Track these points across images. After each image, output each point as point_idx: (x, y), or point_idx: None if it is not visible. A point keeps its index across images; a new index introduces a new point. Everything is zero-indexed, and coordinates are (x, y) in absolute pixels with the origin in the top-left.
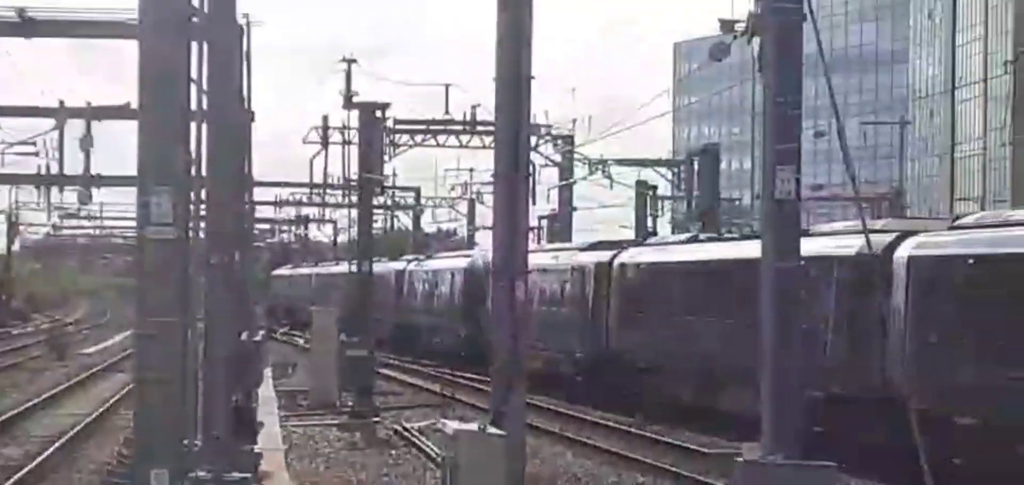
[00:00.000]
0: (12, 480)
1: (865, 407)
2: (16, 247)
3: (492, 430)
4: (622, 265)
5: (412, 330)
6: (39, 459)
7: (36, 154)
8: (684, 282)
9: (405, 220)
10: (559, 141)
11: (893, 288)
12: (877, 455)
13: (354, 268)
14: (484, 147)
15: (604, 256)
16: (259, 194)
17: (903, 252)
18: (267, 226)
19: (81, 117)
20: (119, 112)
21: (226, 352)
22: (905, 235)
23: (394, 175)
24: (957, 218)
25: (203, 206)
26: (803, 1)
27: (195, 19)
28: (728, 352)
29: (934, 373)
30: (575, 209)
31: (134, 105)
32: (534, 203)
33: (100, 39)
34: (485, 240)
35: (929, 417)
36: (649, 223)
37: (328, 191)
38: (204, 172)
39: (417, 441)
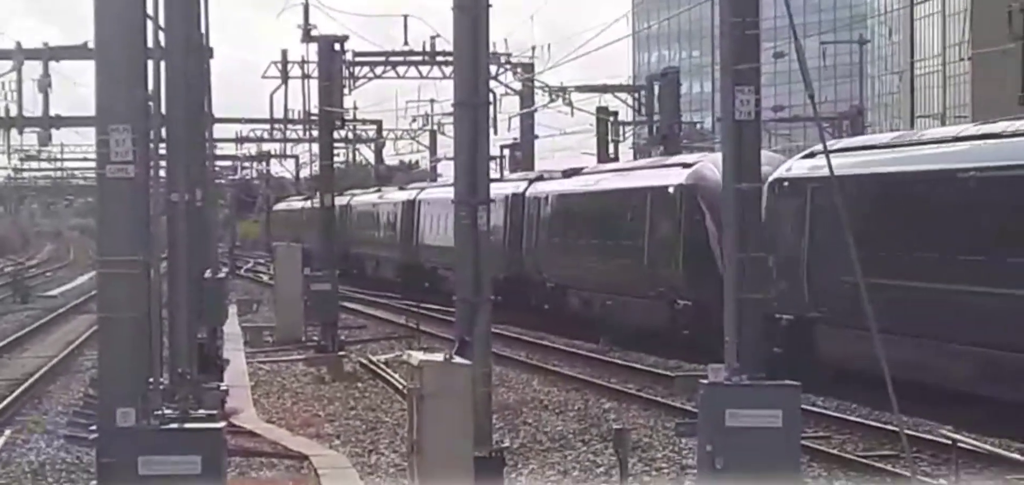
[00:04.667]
0: None
1: (523, 283)
2: None
3: (457, 359)
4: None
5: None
6: (4, 402)
7: None
8: None
9: (367, 153)
10: (519, 69)
11: (524, 211)
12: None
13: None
14: (444, 77)
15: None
16: (219, 130)
17: (528, 191)
18: (228, 163)
19: (39, 59)
20: (77, 52)
21: (189, 290)
22: (532, 182)
23: (355, 108)
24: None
25: (163, 144)
26: None
27: None
28: None
29: (549, 259)
30: (537, 137)
31: (91, 45)
32: (495, 132)
33: None
34: (447, 170)
35: (544, 284)
36: (610, 149)
37: (289, 126)
38: (163, 110)
39: (383, 373)
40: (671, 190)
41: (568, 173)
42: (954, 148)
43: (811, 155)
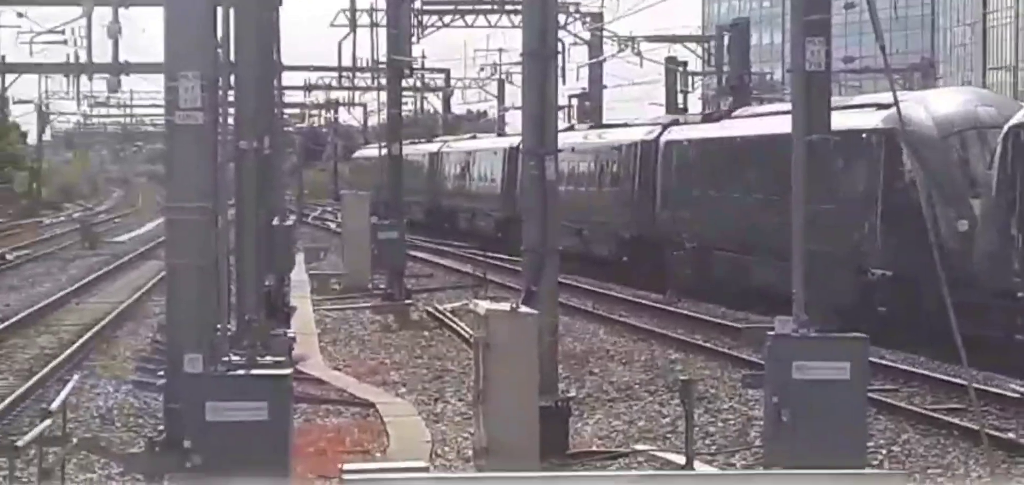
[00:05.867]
0: (47, 368)
1: (656, 244)
2: (47, 136)
3: (524, 309)
4: None
5: None
6: (73, 347)
7: (64, 43)
8: None
9: (435, 102)
10: (588, 19)
11: (658, 161)
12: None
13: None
14: (513, 27)
15: None
16: (288, 78)
17: (663, 137)
18: (296, 111)
19: (108, 4)
20: None
21: (257, 237)
22: (666, 127)
23: (423, 57)
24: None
25: (232, 92)
26: None
27: None
28: None
29: (691, 217)
30: (605, 87)
31: None
32: (564, 82)
33: None
34: (515, 120)
35: (684, 246)
36: (679, 100)
37: (357, 74)
38: (232, 57)
39: (450, 322)
40: (864, 135)
41: (709, 117)
42: None
43: None
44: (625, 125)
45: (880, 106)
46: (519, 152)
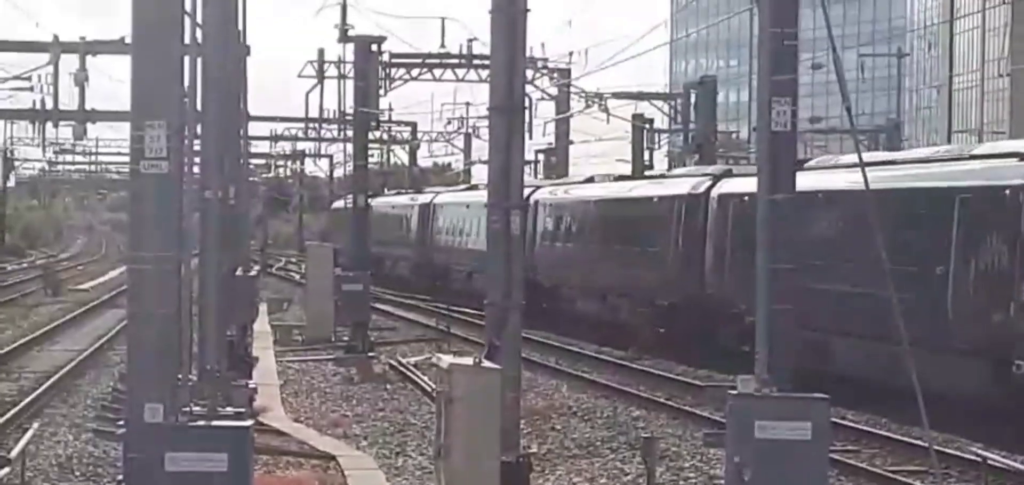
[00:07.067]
0: (7, 416)
1: (705, 315)
2: (11, 183)
3: (487, 363)
4: None
5: None
6: (34, 395)
7: (31, 89)
8: None
9: (401, 155)
10: (555, 74)
11: (709, 218)
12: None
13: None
14: (480, 81)
15: None
16: (254, 128)
17: (715, 191)
18: (263, 161)
19: (75, 52)
20: (113, 47)
21: (220, 287)
22: (718, 179)
23: (390, 109)
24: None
25: (198, 141)
26: None
27: None
28: None
29: (736, 282)
30: (572, 142)
31: (128, 40)
32: (531, 137)
33: None
34: (480, 174)
35: (743, 319)
36: (646, 156)
37: (324, 126)
38: (198, 106)
39: (412, 376)
40: (1008, 191)
41: None
42: None
43: None
44: (661, 176)
45: (1023, 156)
46: (531, 207)
